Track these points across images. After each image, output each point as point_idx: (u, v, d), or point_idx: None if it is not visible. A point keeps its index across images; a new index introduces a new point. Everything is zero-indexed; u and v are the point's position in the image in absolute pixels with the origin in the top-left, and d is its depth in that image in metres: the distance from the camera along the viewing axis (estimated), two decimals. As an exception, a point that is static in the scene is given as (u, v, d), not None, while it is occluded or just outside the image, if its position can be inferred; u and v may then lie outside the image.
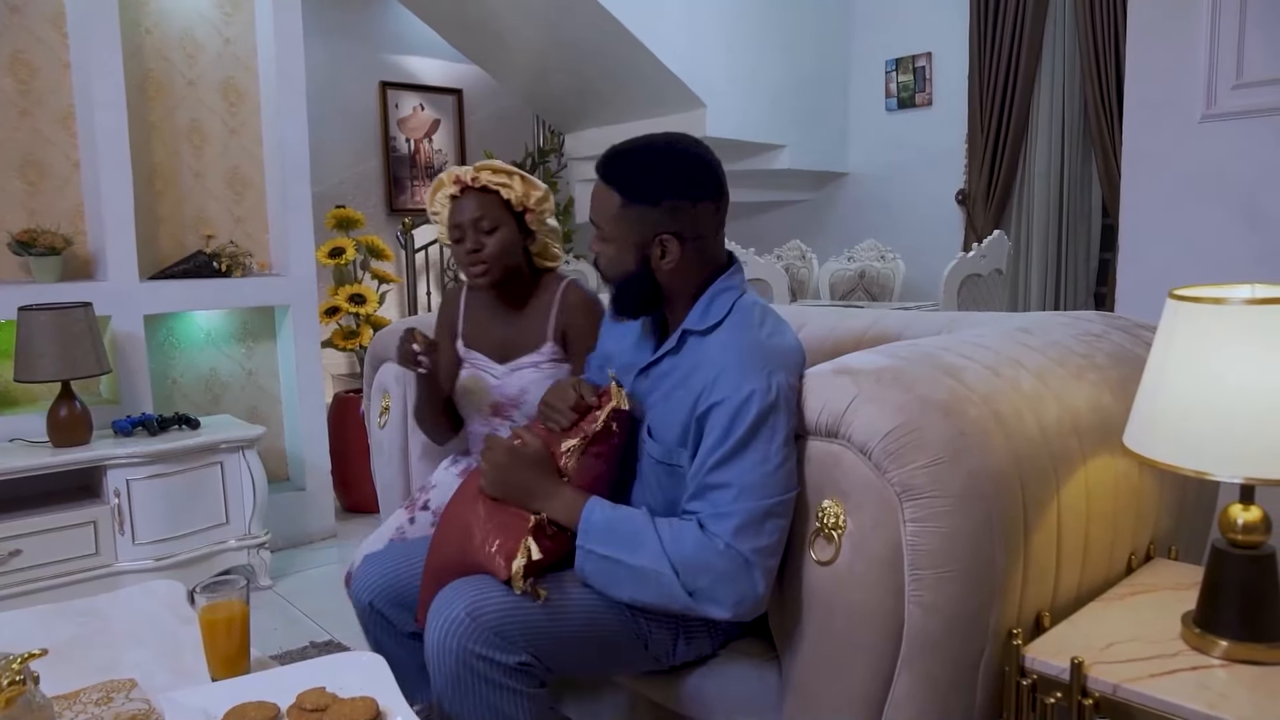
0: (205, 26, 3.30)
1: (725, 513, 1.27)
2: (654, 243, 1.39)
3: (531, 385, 1.87)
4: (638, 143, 1.42)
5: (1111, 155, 4.42)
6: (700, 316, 1.42)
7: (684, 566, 1.28)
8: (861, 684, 1.23)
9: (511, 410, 1.90)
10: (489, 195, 1.85)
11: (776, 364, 1.32)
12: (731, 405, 1.29)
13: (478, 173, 1.85)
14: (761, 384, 1.28)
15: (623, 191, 1.39)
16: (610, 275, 1.45)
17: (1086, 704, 1.12)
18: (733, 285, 1.44)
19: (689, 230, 1.40)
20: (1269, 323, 1.07)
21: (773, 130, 5.40)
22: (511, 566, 1.34)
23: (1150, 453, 1.16)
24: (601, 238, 1.44)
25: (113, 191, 2.95)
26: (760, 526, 1.26)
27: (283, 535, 3.29)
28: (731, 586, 1.27)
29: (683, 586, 1.28)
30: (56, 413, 2.68)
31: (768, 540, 1.27)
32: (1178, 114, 2.40)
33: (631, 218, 1.39)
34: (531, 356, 1.90)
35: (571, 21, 4.62)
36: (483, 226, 1.83)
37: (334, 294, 3.81)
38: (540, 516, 1.39)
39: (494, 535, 1.39)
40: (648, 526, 1.33)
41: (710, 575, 1.27)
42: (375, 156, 6.28)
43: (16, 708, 1.07)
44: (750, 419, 1.27)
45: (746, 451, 1.27)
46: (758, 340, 1.35)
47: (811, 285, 5.02)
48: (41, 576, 2.59)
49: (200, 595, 1.34)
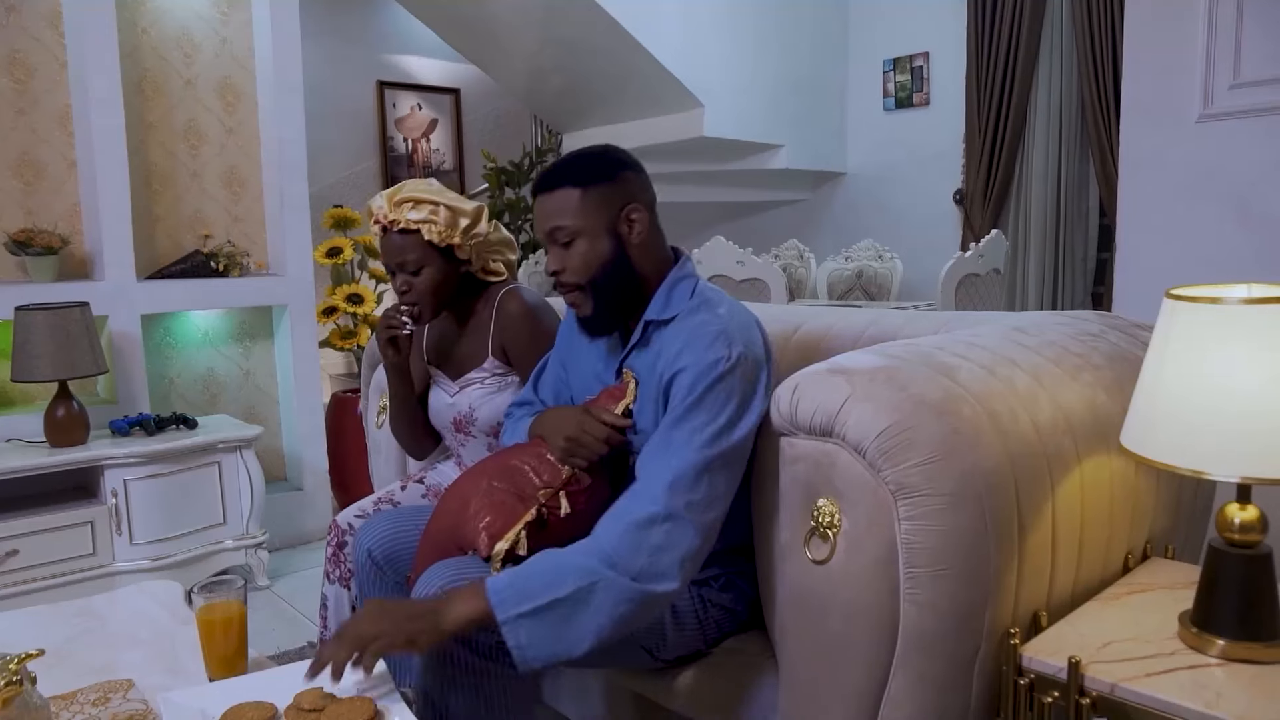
0: (202, 26, 3.29)
1: (658, 471, 1.29)
2: (621, 218, 1.44)
3: (479, 402, 1.85)
4: (567, 154, 1.51)
5: (1109, 155, 4.43)
6: (661, 307, 1.46)
7: (616, 556, 1.25)
8: (857, 682, 1.23)
9: (469, 427, 1.88)
10: (409, 235, 1.75)
11: (736, 337, 1.37)
12: (693, 372, 1.33)
13: (395, 212, 1.74)
14: (721, 353, 1.34)
15: (576, 181, 1.43)
16: (585, 276, 1.44)
17: (1084, 703, 1.12)
18: (688, 274, 1.50)
19: (644, 197, 1.47)
20: (1266, 322, 1.07)
21: (770, 130, 5.40)
22: (494, 546, 1.34)
23: (1147, 452, 1.16)
24: (566, 240, 1.44)
25: (109, 191, 2.94)
26: (695, 481, 1.28)
27: (280, 535, 3.29)
28: (670, 553, 1.26)
29: (625, 575, 1.24)
30: (53, 413, 2.68)
31: (702, 494, 1.28)
32: (1175, 114, 2.41)
33: (594, 200, 1.43)
34: (476, 373, 1.86)
35: (569, 21, 4.62)
36: (408, 268, 1.76)
37: (331, 294, 3.81)
38: (541, 508, 1.39)
39: (486, 512, 1.40)
40: (554, 554, 1.28)
41: (645, 551, 1.25)
42: (373, 156, 6.28)
43: (13, 708, 1.06)
44: (707, 382, 1.32)
45: (698, 411, 1.31)
46: (718, 316, 1.41)
47: (809, 285, 5.03)
48: (38, 577, 2.59)
49: (198, 595, 1.34)
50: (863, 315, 1.84)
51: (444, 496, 1.55)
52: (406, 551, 1.65)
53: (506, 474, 1.46)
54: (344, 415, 3.71)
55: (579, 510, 1.44)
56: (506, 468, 1.48)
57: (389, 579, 1.67)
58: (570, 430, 1.44)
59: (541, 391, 1.70)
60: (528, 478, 1.45)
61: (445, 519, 1.49)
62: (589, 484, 1.46)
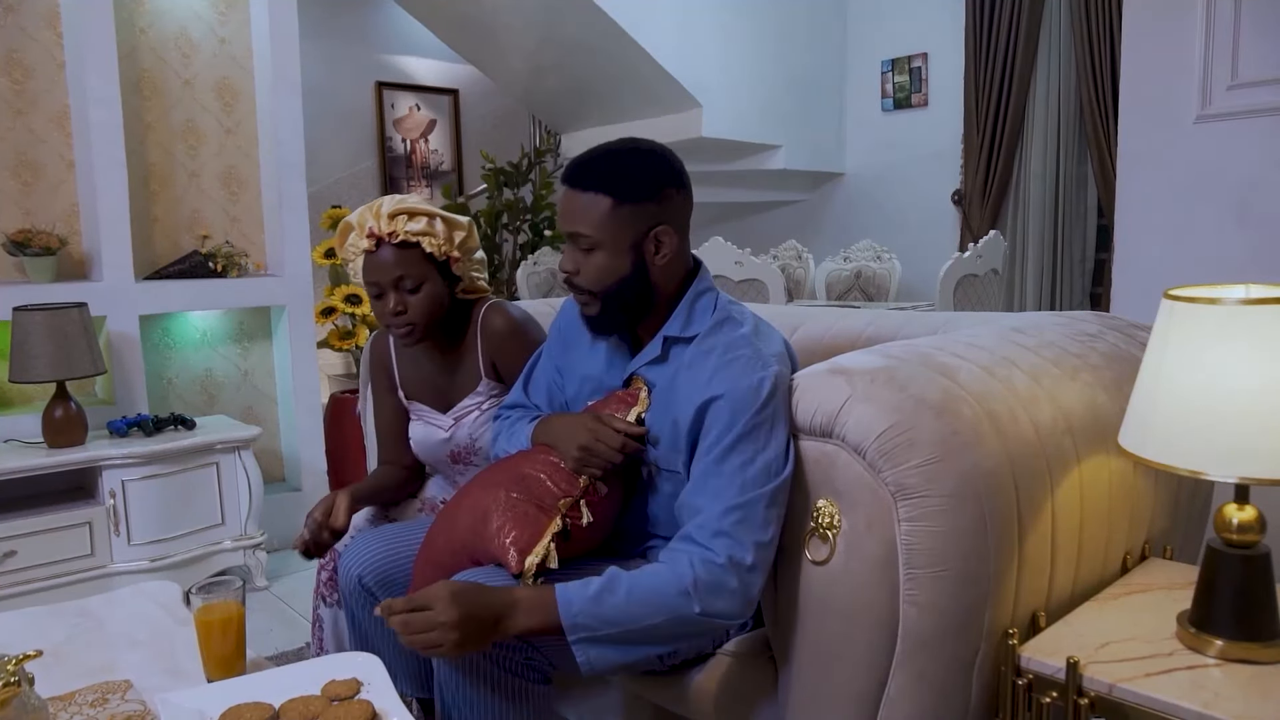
0: (200, 26, 3.29)
1: (719, 510, 1.27)
2: (648, 238, 1.38)
3: (478, 430, 1.76)
4: (611, 146, 1.41)
5: (1107, 155, 4.43)
6: (684, 323, 1.42)
7: (697, 596, 1.25)
8: (857, 683, 1.23)
9: (470, 457, 1.79)
10: (409, 250, 1.64)
11: (770, 357, 1.34)
12: (733, 399, 1.30)
13: (393, 223, 1.63)
14: (760, 377, 1.30)
15: (613, 192, 1.36)
16: (599, 286, 1.39)
17: (1082, 703, 1.12)
18: (708, 287, 1.46)
19: (679, 219, 1.42)
20: (1264, 322, 1.07)
21: (768, 130, 5.41)
22: (525, 561, 1.32)
23: (1145, 452, 1.16)
24: (586, 247, 1.38)
25: (108, 191, 2.94)
26: (764, 524, 1.26)
27: (279, 536, 3.29)
28: (743, 596, 1.26)
29: (702, 615, 1.25)
30: (51, 413, 2.68)
31: (767, 534, 1.27)
32: (1173, 114, 2.41)
33: (625, 217, 1.37)
34: (471, 399, 1.77)
35: (567, 21, 4.62)
36: (405, 286, 1.65)
37: (330, 294, 3.81)
38: (564, 519, 1.36)
39: (511, 526, 1.35)
40: (632, 580, 1.27)
41: (724, 595, 1.25)
42: (371, 156, 6.28)
43: (11, 709, 1.06)
44: (753, 411, 1.28)
45: (748, 442, 1.28)
46: (748, 337, 1.38)
47: (807, 285, 5.03)
48: (36, 578, 2.59)
49: (196, 596, 1.34)
50: (861, 316, 1.85)
51: (451, 512, 1.48)
52: (400, 573, 1.58)
53: (523, 484, 1.41)
54: (342, 416, 3.71)
55: (599, 520, 1.42)
56: (521, 477, 1.42)
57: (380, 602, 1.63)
58: (583, 439, 1.39)
59: (534, 394, 1.65)
60: (545, 487, 1.40)
61: (458, 536, 1.43)
62: (606, 492, 1.43)
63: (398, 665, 1.62)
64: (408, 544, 1.60)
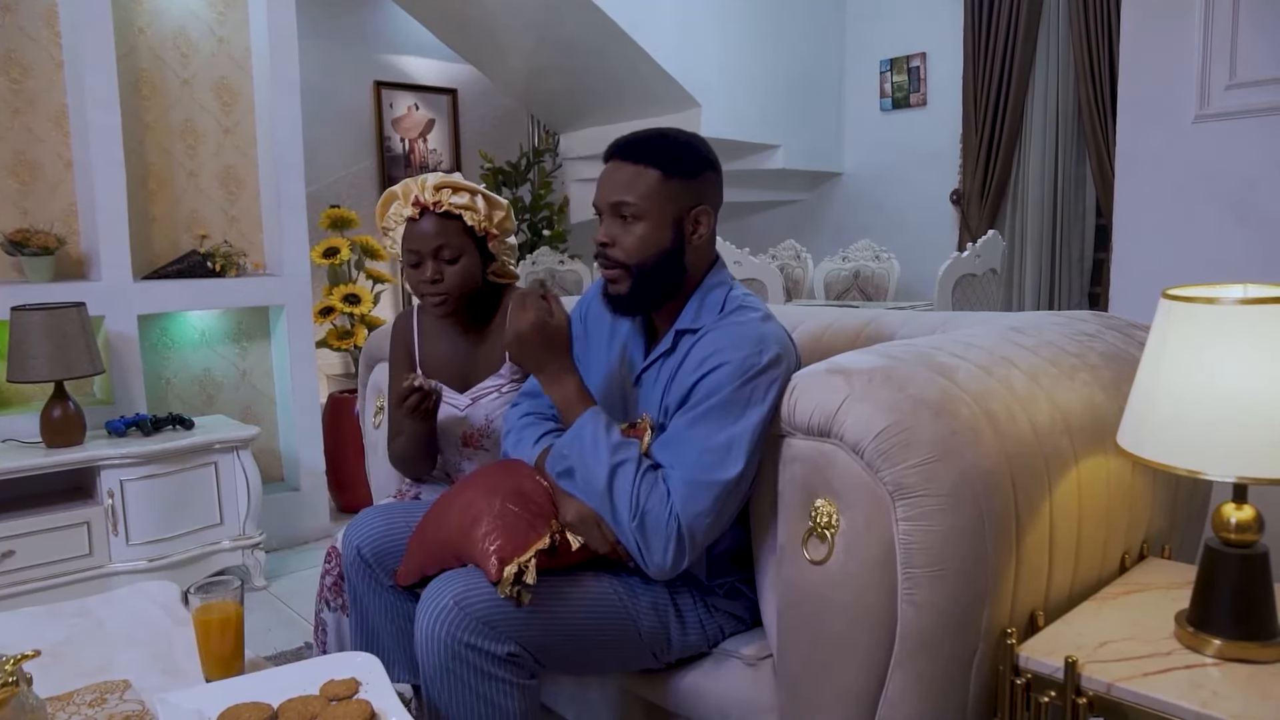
0: (199, 25, 3.29)
1: (682, 468, 1.34)
2: (690, 216, 1.44)
3: (496, 412, 1.77)
4: (657, 130, 1.48)
5: (1105, 155, 4.43)
6: (694, 316, 1.46)
7: (639, 512, 1.34)
8: (855, 683, 1.23)
9: (481, 440, 1.80)
10: (451, 221, 1.69)
11: (770, 341, 1.38)
12: (727, 369, 1.34)
13: (438, 194, 1.69)
14: (758, 350, 1.35)
15: (662, 166, 1.42)
16: (636, 258, 1.43)
17: (1080, 703, 1.12)
18: (722, 280, 1.50)
19: (715, 202, 1.48)
20: (1262, 322, 1.07)
21: (767, 130, 5.41)
22: (503, 571, 1.33)
23: (1144, 452, 1.16)
24: (631, 215, 1.42)
25: (106, 191, 2.94)
26: (711, 504, 1.33)
27: (277, 536, 3.29)
28: (666, 551, 1.33)
29: (630, 527, 1.34)
30: (50, 413, 2.68)
31: (715, 518, 1.34)
32: (1171, 114, 2.41)
33: (672, 190, 1.42)
34: (493, 380, 1.79)
35: (566, 21, 4.62)
36: (444, 256, 1.70)
37: (328, 294, 3.81)
38: (554, 536, 1.37)
39: (498, 535, 1.36)
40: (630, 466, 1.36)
41: (656, 534, 1.33)
42: (370, 156, 6.27)
43: (9, 709, 1.06)
44: (738, 382, 1.33)
45: (721, 413, 1.33)
46: (754, 320, 1.42)
47: (806, 285, 5.03)
48: (35, 578, 2.58)
49: (194, 596, 1.34)
50: (860, 315, 1.85)
51: (448, 503, 1.49)
52: (396, 549, 1.61)
53: (521, 498, 1.42)
54: (341, 415, 3.71)
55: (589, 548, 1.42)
56: (521, 492, 1.43)
57: (379, 577, 1.64)
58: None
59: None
60: (543, 505, 1.42)
61: (447, 531, 1.45)
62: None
63: (395, 652, 1.65)
64: (406, 523, 1.64)
